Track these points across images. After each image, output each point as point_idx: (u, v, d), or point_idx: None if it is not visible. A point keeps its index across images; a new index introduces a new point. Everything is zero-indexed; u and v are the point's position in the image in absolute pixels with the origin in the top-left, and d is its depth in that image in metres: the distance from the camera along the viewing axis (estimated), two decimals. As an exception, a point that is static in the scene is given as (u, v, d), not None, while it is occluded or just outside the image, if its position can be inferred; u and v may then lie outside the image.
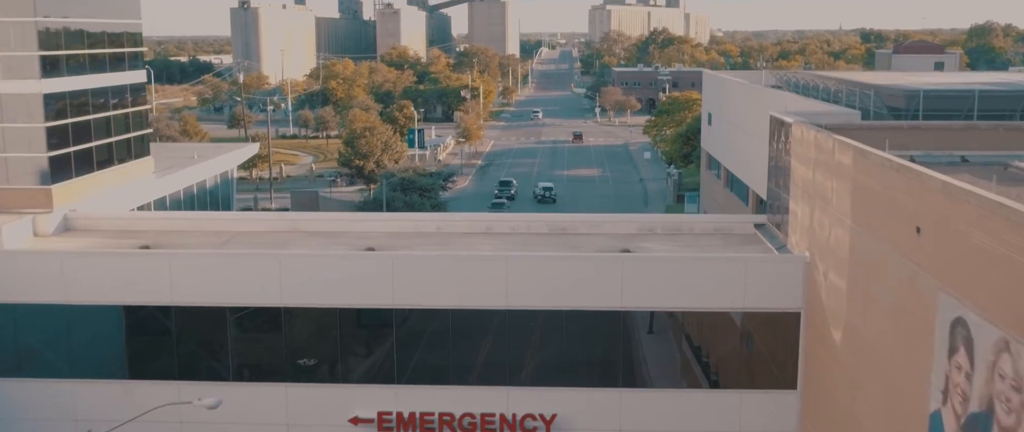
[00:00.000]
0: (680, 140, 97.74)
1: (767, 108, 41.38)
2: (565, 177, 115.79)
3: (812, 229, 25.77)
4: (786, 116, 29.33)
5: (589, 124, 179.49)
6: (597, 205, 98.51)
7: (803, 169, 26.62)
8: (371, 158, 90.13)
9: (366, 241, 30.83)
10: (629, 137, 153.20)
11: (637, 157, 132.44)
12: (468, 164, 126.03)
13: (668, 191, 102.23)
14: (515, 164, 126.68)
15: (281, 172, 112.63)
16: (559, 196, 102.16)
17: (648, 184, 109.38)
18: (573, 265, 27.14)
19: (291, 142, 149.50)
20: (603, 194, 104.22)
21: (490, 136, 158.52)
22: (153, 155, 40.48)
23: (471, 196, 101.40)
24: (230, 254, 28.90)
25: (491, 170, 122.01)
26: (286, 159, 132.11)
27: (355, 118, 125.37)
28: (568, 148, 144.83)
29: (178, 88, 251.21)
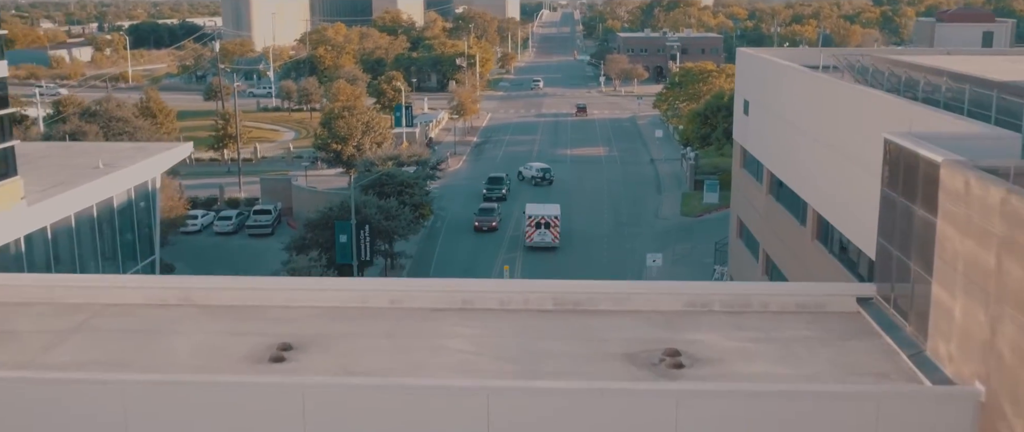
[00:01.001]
0: (698, 119, 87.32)
1: (858, 116, 30.97)
2: (568, 157, 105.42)
3: (992, 345, 15.71)
4: (921, 145, 19.04)
5: (593, 94, 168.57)
6: (604, 190, 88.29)
7: (971, 245, 16.44)
8: (350, 141, 79.79)
9: (283, 327, 20.72)
10: (637, 109, 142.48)
11: (647, 133, 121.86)
12: (463, 141, 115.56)
13: (683, 175, 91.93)
14: (513, 141, 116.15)
15: (255, 152, 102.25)
16: (561, 179, 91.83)
17: (660, 166, 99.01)
18: (594, 402, 16.95)
19: (272, 116, 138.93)
20: (611, 177, 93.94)
21: (487, 108, 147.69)
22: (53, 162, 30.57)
23: (464, 182, 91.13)
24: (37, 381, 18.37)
25: (487, 148, 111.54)
26: (265, 136, 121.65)
27: (339, 91, 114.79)
28: (571, 122, 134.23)
29: (165, 53, 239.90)
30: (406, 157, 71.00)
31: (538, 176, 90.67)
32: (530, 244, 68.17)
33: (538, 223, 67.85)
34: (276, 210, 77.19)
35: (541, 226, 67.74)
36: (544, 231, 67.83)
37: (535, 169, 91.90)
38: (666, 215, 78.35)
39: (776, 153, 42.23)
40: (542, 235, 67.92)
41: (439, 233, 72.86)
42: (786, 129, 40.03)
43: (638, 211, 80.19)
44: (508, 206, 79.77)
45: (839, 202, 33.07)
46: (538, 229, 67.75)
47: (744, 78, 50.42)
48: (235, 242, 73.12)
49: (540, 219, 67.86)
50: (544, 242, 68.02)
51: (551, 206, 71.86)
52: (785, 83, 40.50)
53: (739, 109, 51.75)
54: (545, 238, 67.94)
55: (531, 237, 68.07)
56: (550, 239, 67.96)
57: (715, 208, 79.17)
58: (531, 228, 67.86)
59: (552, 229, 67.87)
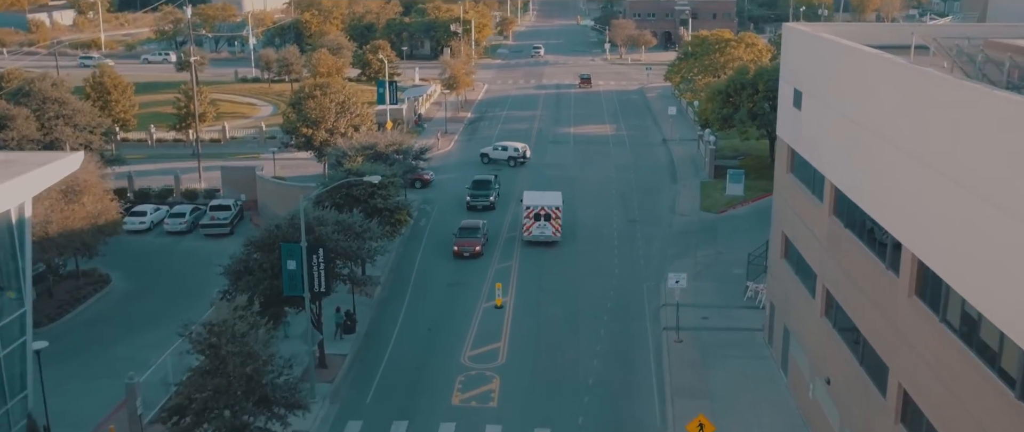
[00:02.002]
0: (718, 97, 76.96)
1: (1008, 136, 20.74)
2: (571, 137, 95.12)
3: None
4: None
5: (598, 63, 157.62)
6: (612, 177, 78.33)
7: None
8: (322, 125, 69.59)
9: None
10: (645, 80, 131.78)
11: (657, 108, 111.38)
12: (455, 117, 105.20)
13: (702, 160, 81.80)
14: (511, 118, 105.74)
15: (224, 132, 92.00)
16: (564, 165, 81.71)
17: (674, 148, 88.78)
18: None
19: (251, 87, 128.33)
20: (619, 162, 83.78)
21: (484, 78, 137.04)
22: None
23: (454, 168, 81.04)
24: None
25: (482, 126, 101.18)
26: (239, 111, 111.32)
27: (319, 62, 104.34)
28: (574, 94, 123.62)
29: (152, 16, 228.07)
30: (384, 146, 60.88)
31: (511, 157, 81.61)
32: (528, 238, 59.86)
33: (537, 214, 59.41)
34: (237, 205, 67.26)
35: (541, 218, 59.39)
36: (544, 224, 59.46)
37: (511, 149, 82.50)
38: (684, 210, 68.35)
39: (849, 167, 32.21)
40: (542, 228, 59.59)
41: (422, 235, 62.97)
42: (867, 139, 29.92)
43: (652, 204, 70.20)
44: (498, 211, 69.92)
45: (964, 256, 23.13)
46: (537, 221, 59.44)
47: (795, 62, 40.19)
48: (187, 244, 63.32)
49: (539, 210, 59.33)
50: (544, 236, 59.73)
51: (552, 194, 62.70)
52: (868, 77, 30.31)
53: (785, 99, 41.63)
54: (545, 232, 59.63)
55: (529, 231, 59.72)
56: (551, 232, 59.64)
57: (740, 202, 69.20)
58: (529, 220, 59.46)
59: (553, 221, 59.40)
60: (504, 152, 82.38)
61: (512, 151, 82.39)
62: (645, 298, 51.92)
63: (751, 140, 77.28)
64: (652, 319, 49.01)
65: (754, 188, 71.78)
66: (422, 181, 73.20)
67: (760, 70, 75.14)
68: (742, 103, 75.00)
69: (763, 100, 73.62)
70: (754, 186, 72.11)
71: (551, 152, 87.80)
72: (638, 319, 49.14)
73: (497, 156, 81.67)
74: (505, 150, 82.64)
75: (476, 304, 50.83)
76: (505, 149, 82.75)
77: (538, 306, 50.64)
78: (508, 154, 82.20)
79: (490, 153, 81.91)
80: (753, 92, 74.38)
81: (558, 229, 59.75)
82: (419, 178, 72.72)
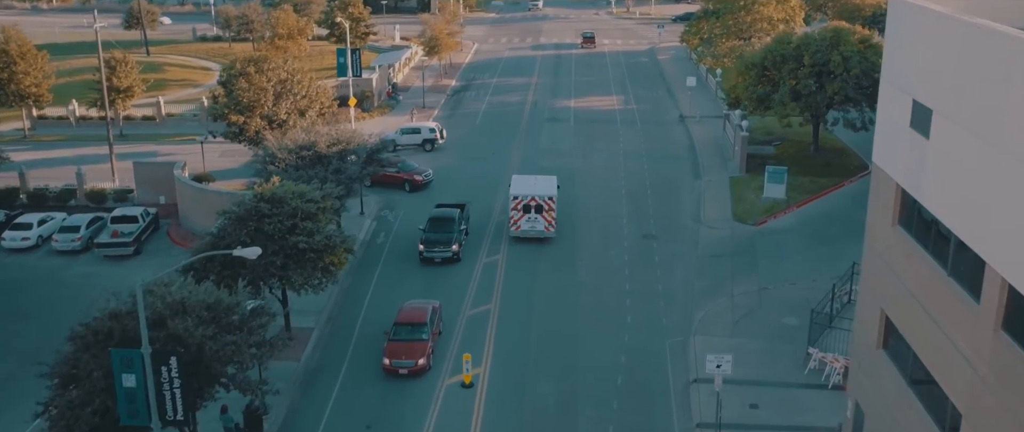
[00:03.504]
0: (752, 73, 62.36)
1: None
2: (572, 112, 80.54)
3: None
4: None
5: (602, 18, 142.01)
6: (620, 169, 64.27)
7: None
8: (257, 110, 55.25)
9: None
10: (656, 39, 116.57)
11: (671, 73, 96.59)
12: (437, 87, 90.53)
13: (729, 145, 67.50)
14: (501, 87, 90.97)
15: (160, 108, 77.52)
16: (563, 151, 67.50)
17: (694, 128, 74.30)
18: None
19: (210, 48, 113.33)
20: (629, 147, 69.38)
21: (474, 35, 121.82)
22: None
23: (429, 156, 66.76)
24: None
25: (467, 99, 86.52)
26: (190, 77, 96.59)
27: (279, 21, 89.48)
28: (576, 56, 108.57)
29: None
30: (326, 145, 46.57)
31: (426, 139, 68.01)
32: (516, 233, 50.15)
33: (527, 206, 49.57)
34: (147, 216, 53.29)
35: (531, 210, 49.63)
36: (535, 217, 49.73)
37: (424, 131, 68.37)
38: (712, 219, 54.31)
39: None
40: (532, 222, 49.87)
41: (380, 256, 49.10)
42: None
43: (671, 210, 56.14)
44: (473, 246, 56.08)
45: None
46: (527, 214, 49.74)
47: (916, 58, 25.78)
48: (80, 268, 49.51)
49: (529, 200, 49.43)
50: (535, 232, 49.97)
51: (544, 179, 52.41)
52: None
53: (892, 114, 27.38)
54: (536, 226, 49.92)
55: (517, 224, 49.95)
56: (543, 227, 49.90)
57: (781, 208, 55.14)
58: (517, 212, 49.71)
59: (546, 214, 49.63)
60: (416, 135, 68.05)
61: (426, 132, 68.28)
62: (669, 365, 38.21)
63: (792, 126, 62.84)
64: (679, 404, 35.40)
65: (797, 188, 57.66)
66: (413, 183, 58.95)
67: (805, 39, 60.36)
68: (782, 80, 60.46)
69: (809, 77, 59.13)
70: (797, 185, 57.99)
71: (547, 133, 73.38)
72: (660, 403, 35.51)
73: (407, 141, 66.79)
74: (417, 133, 68.20)
75: (437, 381, 37.09)
76: (417, 132, 68.30)
77: (521, 382, 36.92)
78: (423, 137, 68.02)
79: (397, 139, 66.45)
80: (796, 66, 59.83)
81: (552, 223, 49.87)
82: (409, 179, 58.71)
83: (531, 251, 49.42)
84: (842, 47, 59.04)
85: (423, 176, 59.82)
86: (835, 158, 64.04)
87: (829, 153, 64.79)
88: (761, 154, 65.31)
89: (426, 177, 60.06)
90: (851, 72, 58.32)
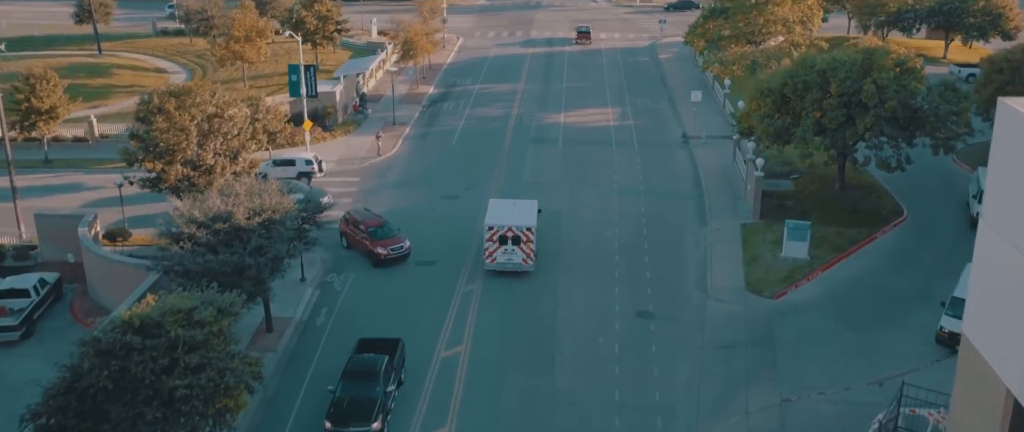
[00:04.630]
0: (769, 100, 53.05)
1: None
2: (561, 129, 71.23)
3: None
4: None
5: (600, 6, 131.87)
6: (614, 210, 55.41)
7: None
8: (178, 154, 46.08)
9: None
10: (659, 34, 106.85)
11: (673, 76, 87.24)
12: (412, 95, 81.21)
13: (742, 181, 58.39)
14: (484, 96, 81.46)
15: (92, 129, 68.26)
16: (548, 183, 58.72)
17: (698, 153, 65.09)
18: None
19: (171, 44, 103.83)
20: (625, 181, 60.21)
21: (460, 27, 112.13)
22: None
23: (392, 194, 57.67)
24: None
25: (444, 112, 77.13)
26: (141, 82, 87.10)
27: (235, 21, 79.90)
28: (569, 54, 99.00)
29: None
30: (245, 215, 37.43)
31: (302, 172, 59.08)
32: (492, 267, 45.93)
33: (503, 236, 45.27)
34: (42, 287, 44.48)
35: (507, 241, 45.34)
36: (511, 249, 45.44)
37: (300, 162, 59.66)
38: (721, 287, 45.39)
39: None
40: (508, 254, 45.60)
41: (309, 360, 40.24)
42: None
43: (672, 274, 47.16)
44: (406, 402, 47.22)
45: None
46: (503, 246, 45.48)
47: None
48: (-46, 357, 40.81)
49: (505, 231, 45.14)
50: (511, 265, 45.77)
51: (524, 205, 48.02)
52: None
53: (1000, 279, 18.40)
54: (513, 258, 45.69)
55: (492, 257, 45.78)
56: (520, 260, 45.62)
57: (804, 274, 46.17)
58: (492, 244, 45.45)
59: (523, 245, 45.37)
60: (290, 168, 59.03)
61: (302, 164, 59.40)
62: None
63: (817, 165, 53.52)
64: None
65: (821, 242, 48.68)
66: (377, 257, 47.26)
67: (832, 62, 50.96)
68: (805, 111, 51.22)
69: (836, 109, 49.94)
70: (820, 237, 49.01)
71: (532, 159, 64.20)
72: None
73: (280, 174, 56.13)
74: (291, 165, 59.23)
75: None
76: (291, 163, 59.32)
77: None
78: (297, 169, 59.07)
79: (269, 173, 56.00)
80: (821, 96, 50.58)
81: (530, 255, 45.63)
82: (372, 252, 47.46)
83: (498, 346, 40.51)
84: (875, 74, 49.76)
85: (389, 251, 47.34)
86: (864, 198, 54.91)
87: (857, 191, 55.67)
88: (777, 191, 56.25)
89: (396, 250, 47.60)
90: (887, 104, 49.13)
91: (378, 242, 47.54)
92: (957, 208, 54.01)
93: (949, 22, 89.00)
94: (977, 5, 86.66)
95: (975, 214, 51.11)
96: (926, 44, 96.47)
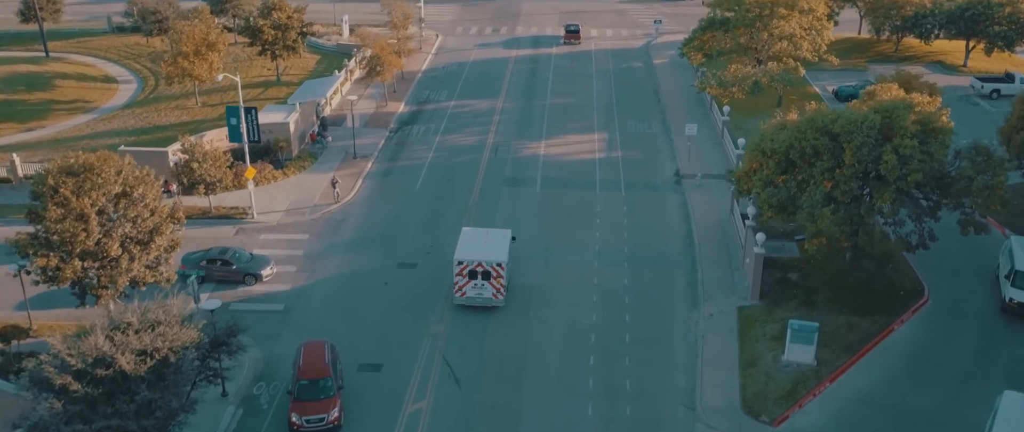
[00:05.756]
0: (771, 162, 45.76)
1: None
2: (540, 163, 64.03)
3: None
4: None
5: None
6: (592, 289, 48.69)
7: None
8: (76, 247, 39.14)
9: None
10: (654, 33, 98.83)
11: (667, 89, 79.88)
12: (379, 116, 73.80)
13: (739, 244, 51.45)
14: (457, 119, 73.77)
15: (15, 169, 61.05)
16: (526, 246, 51.57)
17: (693, 199, 58.06)
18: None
19: (127, 42, 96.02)
20: (608, 238, 53.30)
21: (440, 22, 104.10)
22: None
23: (343, 259, 50.72)
24: None
25: (413, 136, 69.80)
26: (86, 96, 79.63)
27: (183, 36, 72.15)
28: (556, 56, 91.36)
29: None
30: (130, 360, 30.59)
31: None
32: (461, 301, 45.16)
33: (473, 271, 44.49)
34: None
35: (477, 276, 44.56)
36: (481, 283, 44.68)
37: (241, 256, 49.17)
38: (712, 406, 38.73)
39: None
40: (479, 289, 44.83)
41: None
42: None
43: (655, 381, 40.53)
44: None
45: None
46: (473, 280, 44.67)
47: None
48: None
49: (475, 266, 44.36)
50: (481, 299, 44.98)
51: (496, 236, 47.10)
52: None
53: None
54: (483, 293, 44.92)
55: (462, 291, 45.01)
56: (490, 294, 44.89)
57: (809, 389, 39.48)
58: (462, 278, 44.68)
59: (494, 281, 44.63)
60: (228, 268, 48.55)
61: (243, 261, 48.67)
62: None
63: (829, 238, 46.23)
64: None
65: (830, 337, 42.11)
66: (290, 425, 36.72)
67: (846, 124, 43.51)
68: (814, 180, 44.09)
69: (851, 179, 42.89)
70: (829, 329, 42.40)
71: (504, 209, 56.94)
72: None
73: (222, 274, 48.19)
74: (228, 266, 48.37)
75: None
76: (227, 263, 48.38)
77: None
78: (238, 269, 48.41)
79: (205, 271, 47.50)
80: (833, 164, 43.42)
81: (501, 290, 44.80)
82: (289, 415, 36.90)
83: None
84: (896, 139, 42.54)
85: (304, 422, 36.10)
86: (879, 271, 48.01)
87: (871, 262, 48.72)
88: (780, 259, 49.39)
89: (315, 424, 36.20)
90: (909, 178, 42.07)
91: (299, 404, 36.52)
92: (984, 284, 47.16)
93: (971, 29, 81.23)
94: (1003, 12, 78.84)
95: (1008, 299, 44.29)
96: (944, 47, 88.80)
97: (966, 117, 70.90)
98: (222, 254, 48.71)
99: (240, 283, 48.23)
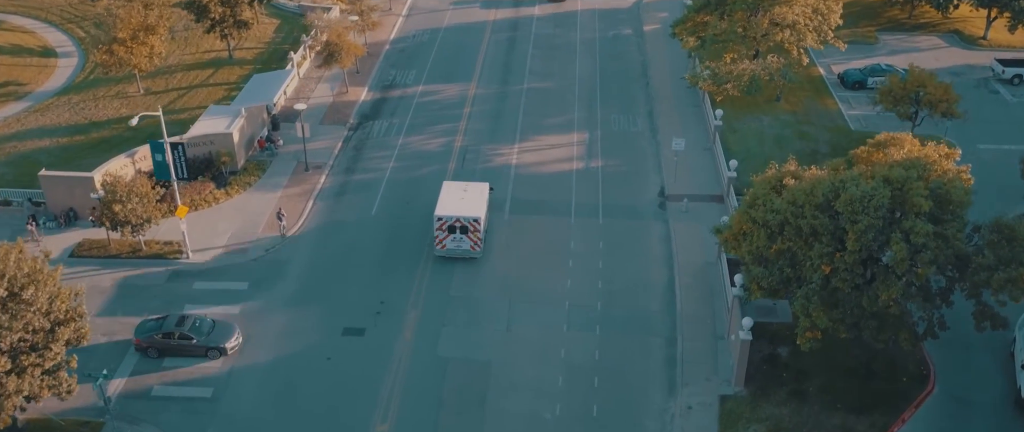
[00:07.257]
0: (763, 233, 39.87)
1: None
2: (512, 175, 57.98)
3: None
4: None
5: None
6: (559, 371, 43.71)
7: None
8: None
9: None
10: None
11: (656, 67, 72.97)
12: (338, 106, 67.09)
13: (726, 305, 46.07)
14: (422, 111, 66.99)
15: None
16: (484, 306, 46.10)
17: (676, 232, 52.36)
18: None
19: (71, 2, 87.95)
20: (578, 295, 47.90)
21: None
22: None
23: (282, 320, 45.32)
24: None
25: (374, 135, 63.47)
26: (16, 77, 72.63)
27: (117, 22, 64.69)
28: (538, 20, 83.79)
29: None
30: None
31: None
32: (441, 253, 49.29)
33: (452, 226, 48.46)
34: None
35: (456, 230, 48.48)
36: (460, 237, 48.63)
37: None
38: None
39: None
40: (457, 241, 48.81)
41: None
42: None
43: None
44: None
45: None
46: (452, 234, 48.63)
47: None
48: None
49: (454, 222, 48.32)
50: (460, 251, 49.06)
51: (474, 190, 50.91)
52: None
53: None
54: (462, 245, 48.93)
55: (442, 244, 49.13)
56: (468, 246, 48.91)
57: (797, 524, 34.88)
58: (442, 233, 48.68)
59: (471, 235, 48.56)
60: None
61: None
62: None
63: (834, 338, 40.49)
64: None
65: (823, 448, 37.26)
66: None
67: (851, 202, 37.34)
68: (810, 262, 38.34)
69: (854, 268, 37.21)
70: None
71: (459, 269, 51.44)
72: None
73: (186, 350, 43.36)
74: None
75: None
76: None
77: None
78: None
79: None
80: (834, 248, 37.61)
81: (478, 243, 48.88)
82: None
83: None
84: (908, 222, 36.60)
85: None
86: (880, 355, 42.69)
87: (871, 337, 43.37)
88: (770, 326, 44.24)
89: None
90: (921, 271, 36.40)
91: None
92: (996, 365, 42.03)
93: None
94: (1031, -15, 71.12)
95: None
96: (963, 13, 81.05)
97: (983, 110, 64.59)
98: (180, 326, 43.11)
99: (202, 358, 42.94)
